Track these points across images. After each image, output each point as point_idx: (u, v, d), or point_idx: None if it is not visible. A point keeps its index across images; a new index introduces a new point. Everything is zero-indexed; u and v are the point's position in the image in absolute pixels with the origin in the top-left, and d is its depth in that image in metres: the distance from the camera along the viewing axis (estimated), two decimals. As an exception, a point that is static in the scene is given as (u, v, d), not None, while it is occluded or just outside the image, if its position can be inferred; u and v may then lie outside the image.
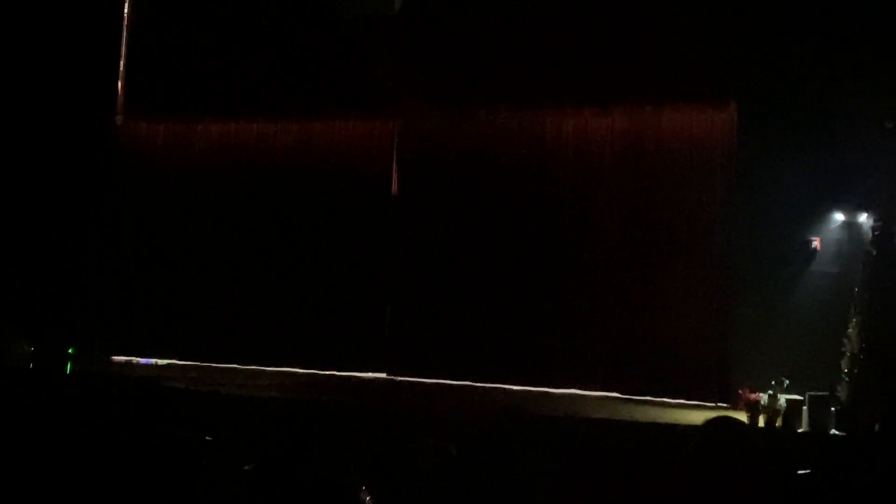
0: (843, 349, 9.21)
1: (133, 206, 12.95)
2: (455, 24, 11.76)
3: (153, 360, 12.46)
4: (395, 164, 12.22)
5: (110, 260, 12.80)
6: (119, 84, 13.11)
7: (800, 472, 4.33)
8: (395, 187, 12.19)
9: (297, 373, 11.93)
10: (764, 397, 9.35)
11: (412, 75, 11.80)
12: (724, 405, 10.12)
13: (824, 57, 10.00)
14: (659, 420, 9.24)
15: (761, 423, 9.27)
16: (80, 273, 12.53)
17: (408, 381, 11.58)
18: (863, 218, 10.10)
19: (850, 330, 9.19)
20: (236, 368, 12.04)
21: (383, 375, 11.82)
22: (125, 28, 13.15)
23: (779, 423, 9.21)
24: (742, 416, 9.41)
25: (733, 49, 10.51)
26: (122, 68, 13.12)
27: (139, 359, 12.55)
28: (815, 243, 10.30)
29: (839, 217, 10.28)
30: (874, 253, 9.25)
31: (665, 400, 10.53)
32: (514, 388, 11.15)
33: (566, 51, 11.23)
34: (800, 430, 9.03)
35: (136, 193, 12.99)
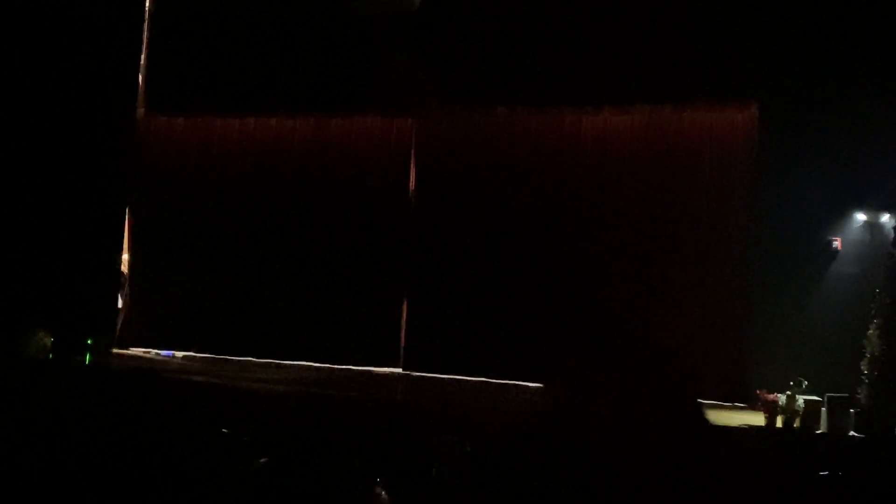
0: (863, 351, 9.12)
1: (152, 199, 13.04)
2: (474, 21, 11.73)
3: (173, 353, 12.55)
4: (412, 161, 12.22)
5: (129, 252, 12.87)
6: (140, 77, 13.20)
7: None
8: (412, 184, 12.19)
9: (313, 367, 11.98)
10: (782, 398, 9.28)
11: (431, 72, 11.78)
12: (742, 405, 10.07)
13: (846, 57, 9.90)
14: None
15: (779, 423, 9.20)
16: (99, 265, 12.60)
17: (423, 376, 11.61)
18: (885, 219, 10.01)
19: (870, 332, 9.10)
20: (253, 362, 12.11)
21: (399, 371, 11.83)
22: (146, 22, 13.24)
23: (797, 424, 9.15)
24: (760, 417, 9.36)
25: (755, 49, 10.43)
26: (143, 62, 13.21)
27: (159, 351, 12.64)
28: (836, 244, 10.21)
29: (861, 218, 10.18)
30: (896, 254, 9.17)
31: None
32: (530, 385, 11.12)
33: (586, 49, 11.17)
34: (818, 432, 8.96)
35: (155, 186, 13.07)
